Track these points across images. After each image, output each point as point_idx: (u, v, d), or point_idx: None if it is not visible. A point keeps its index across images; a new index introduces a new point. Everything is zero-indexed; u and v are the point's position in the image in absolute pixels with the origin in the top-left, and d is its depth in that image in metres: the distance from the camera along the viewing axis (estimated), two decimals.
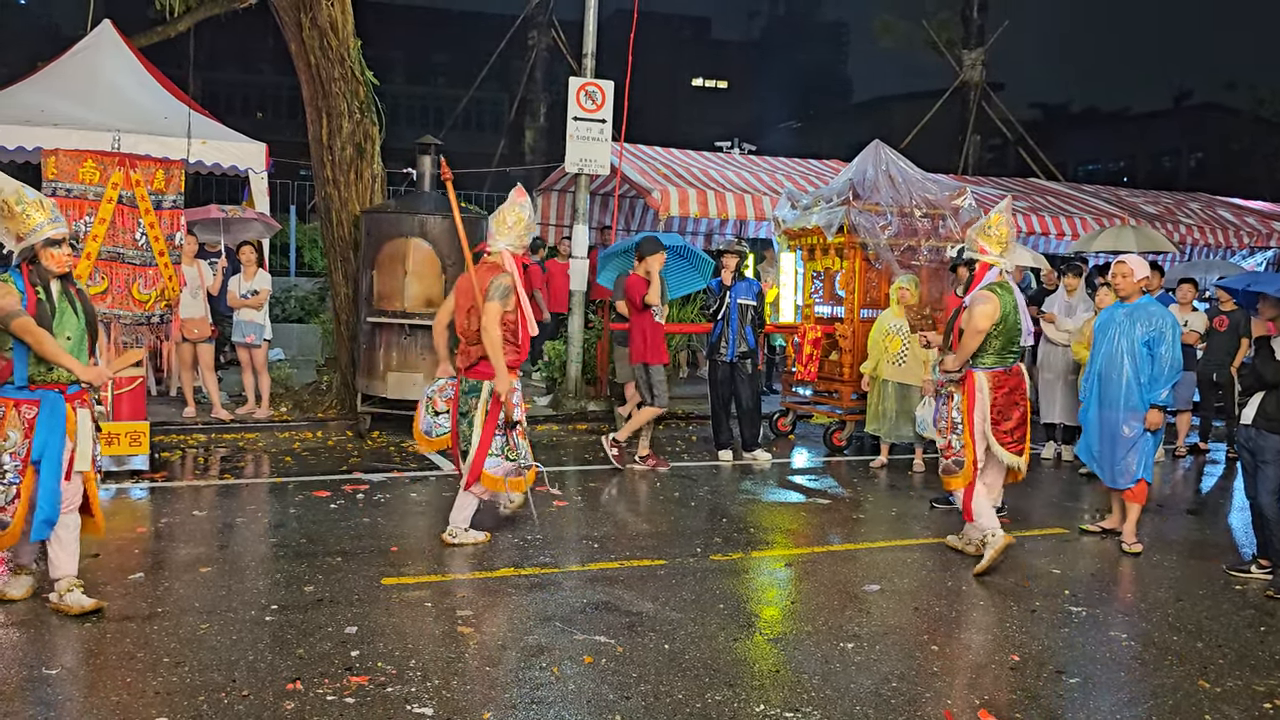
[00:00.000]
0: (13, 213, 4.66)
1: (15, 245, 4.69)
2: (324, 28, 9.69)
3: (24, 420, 4.68)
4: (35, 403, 4.69)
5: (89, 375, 4.74)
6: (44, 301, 4.65)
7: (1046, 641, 5.04)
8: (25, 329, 4.53)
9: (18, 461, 4.66)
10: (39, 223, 4.68)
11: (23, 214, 4.67)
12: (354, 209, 10.10)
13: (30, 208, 4.68)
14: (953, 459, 6.18)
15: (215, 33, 16.73)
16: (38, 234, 4.67)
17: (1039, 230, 14.42)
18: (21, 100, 11.09)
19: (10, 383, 4.66)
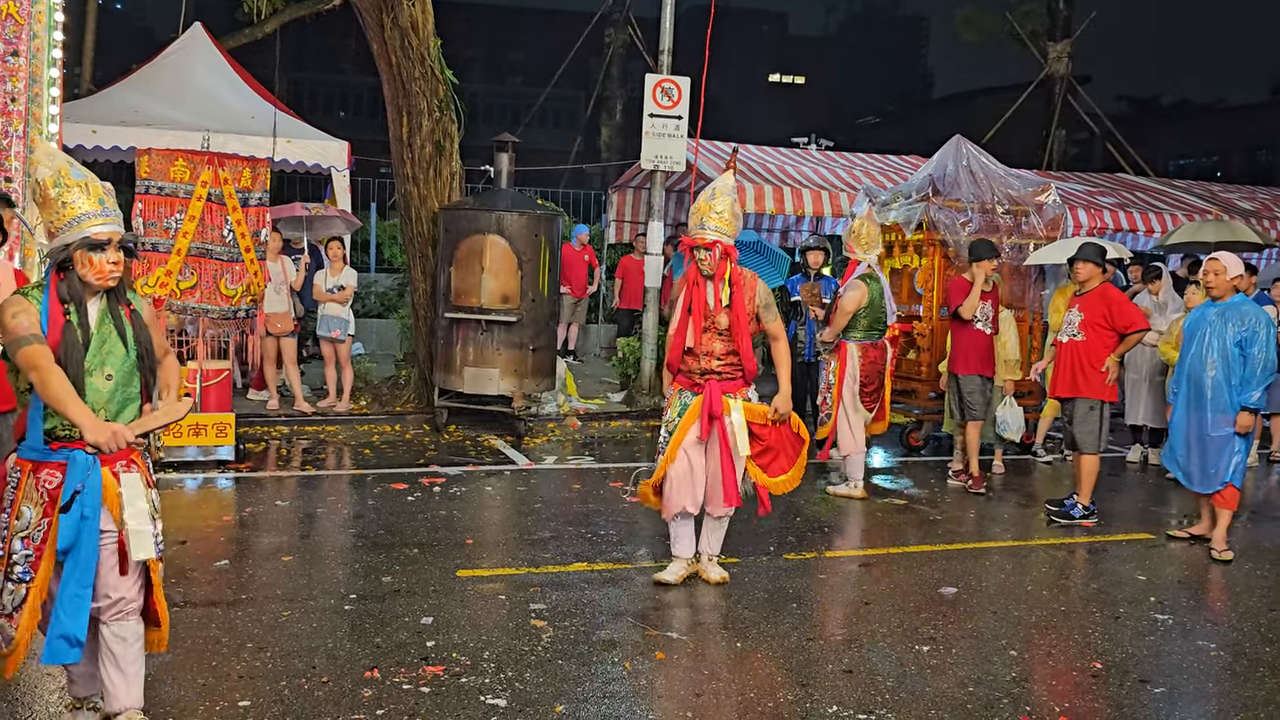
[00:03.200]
0: (48, 198, 3.28)
1: (48, 243, 3.36)
2: (405, 28, 9.84)
3: (44, 492, 3.30)
4: (61, 468, 3.31)
5: (98, 435, 3.23)
6: (73, 326, 3.30)
7: (1130, 649, 4.90)
8: (31, 361, 3.19)
9: (31, 550, 3.30)
10: (80, 214, 3.29)
11: (60, 200, 3.27)
12: (433, 206, 10.24)
13: (73, 192, 3.28)
14: (826, 412, 7.75)
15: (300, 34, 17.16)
16: (75, 229, 3.28)
17: (1126, 227, 14.03)
18: (118, 102, 11.50)
19: (26, 438, 3.35)
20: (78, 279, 3.32)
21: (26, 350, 3.20)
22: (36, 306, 3.26)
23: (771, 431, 5.40)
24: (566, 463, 8.68)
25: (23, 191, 6.94)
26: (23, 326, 3.21)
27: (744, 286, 5.32)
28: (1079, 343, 7.07)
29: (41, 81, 7.04)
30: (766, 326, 5.38)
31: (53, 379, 3.20)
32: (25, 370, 3.22)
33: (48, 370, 3.21)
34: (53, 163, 3.30)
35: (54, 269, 3.34)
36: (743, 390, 5.39)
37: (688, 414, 5.35)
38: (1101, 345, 7.01)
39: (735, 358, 5.32)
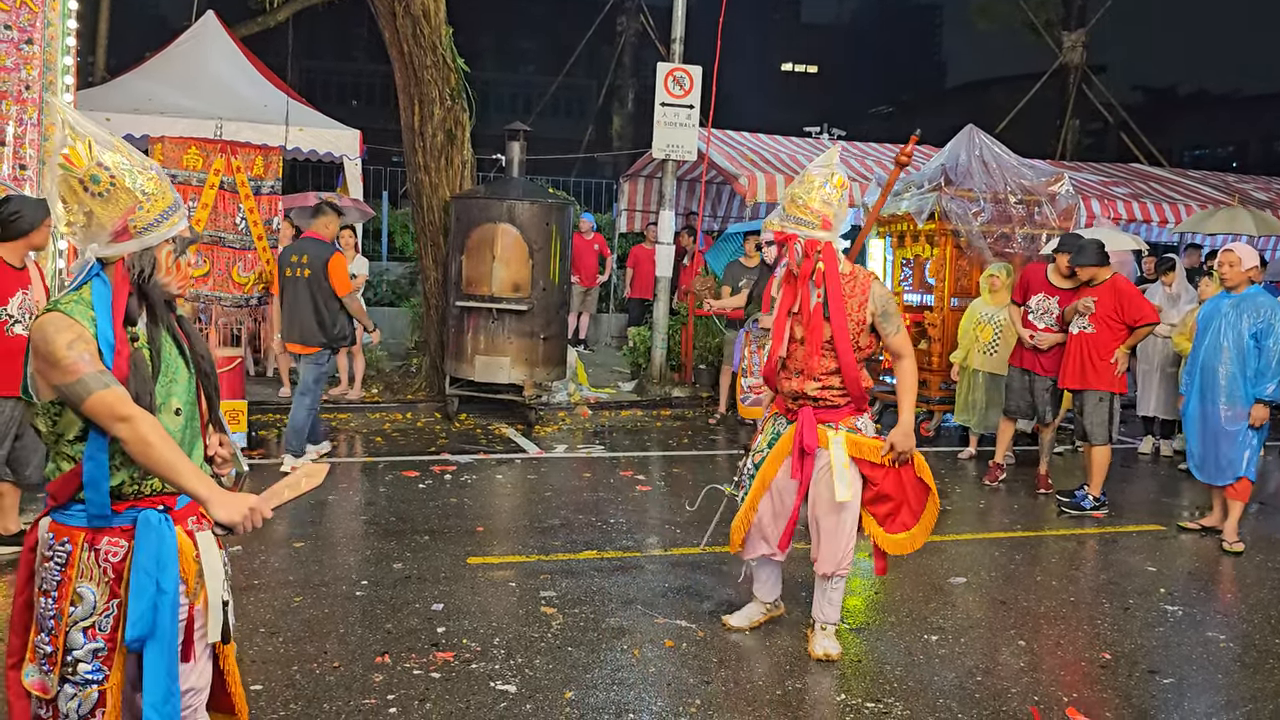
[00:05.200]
0: (115, 188, 2.45)
1: (104, 244, 2.47)
2: (417, 16, 9.84)
3: (106, 568, 2.52)
4: (126, 533, 2.53)
5: (232, 512, 2.51)
6: (142, 352, 2.54)
7: (1140, 640, 4.90)
8: (114, 410, 2.39)
9: (99, 643, 2.51)
10: (166, 207, 2.54)
11: (139, 190, 2.48)
12: (444, 195, 10.26)
13: (151, 180, 2.51)
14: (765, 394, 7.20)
15: (313, 22, 17.16)
16: (161, 228, 2.53)
17: (1140, 217, 13.95)
18: (131, 89, 11.52)
19: (78, 501, 2.50)
20: (160, 289, 2.57)
21: (103, 397, 2.36)
22: (90, 329, 2.42)
23: (890, 476, 4.41)
24: (577, 451, 8.70)
25: (36, 179, 6.98)
26: (85, 362, 2.36)
27: (846, 289, 4.31)
28: (1088, 335, 7.06)
29: (55, 69, 7.06)
30: (887, 341, 4.39)
31: (154, 436, 2.41)
32: (103, 422, 2.38)
33: (145, 425, 2.40)
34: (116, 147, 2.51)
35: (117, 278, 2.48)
36: (849, 419, 4.40)
37: (778, 446, 4.48)
38: (1111, 337, 7.00)
39: (838, 378, 4.32)
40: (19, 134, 6.95)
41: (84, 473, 2.45)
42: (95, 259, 2.47)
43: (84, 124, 2.47)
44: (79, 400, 2.37)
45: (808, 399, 4.36)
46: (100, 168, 2.44)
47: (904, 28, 57.53)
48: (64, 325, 2.39)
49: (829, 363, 4.30)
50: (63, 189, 2.44)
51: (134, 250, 2.50)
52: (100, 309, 2.43)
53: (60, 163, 2.42)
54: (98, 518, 2.49)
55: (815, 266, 4.27)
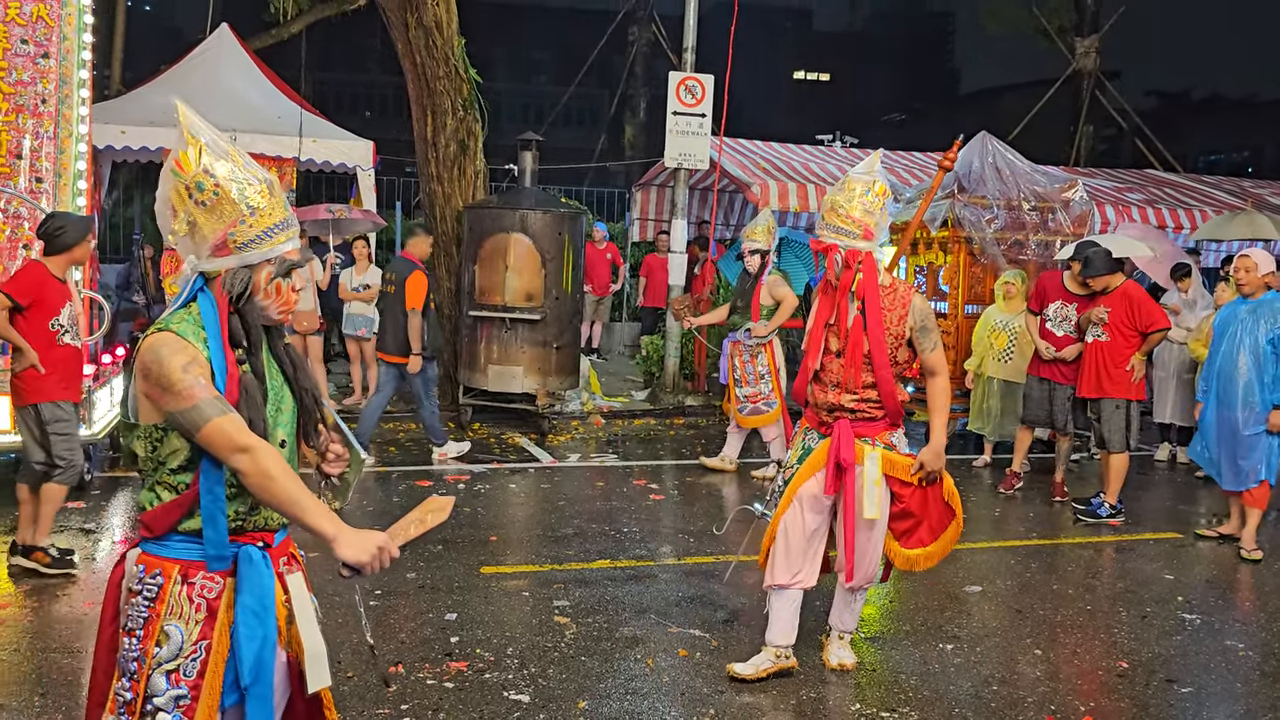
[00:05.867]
0: (219, 198, 2.25)
1: (205, 257, 2.29)
2: (429, 27, 9.89)
3: (199, 604, 2.30)
4: (225, 573, 2.32)
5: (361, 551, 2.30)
6: (251, 379, 2.35)
7: (1157, 649, 4.86)
8: (234, 440, 2.21)
9: (183, 689, 2.28)
10: (274, 223, 2.32)
11: (245, 202, 2.27)
12: (457, 205, 10.29)
13: (255, 193, 2.29)
14: (762, 401, 7.85)
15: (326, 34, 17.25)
16: (266, 245, 2.31)
17: (1155, 223, 13.85)
18: (146, 102, 11.61)
19: (177, 532, 2.31)
20: (258, 312, 2.36)
21: (221, 425, 2.18)
22: (203, 351, 2.26)
23: (916, 494, 4.30)
24: (590, 460, 8.70)
25: (53, 192, 7.03)
26: (201, 387, 2.19)
27: (886, 303, 4.17)
28: (1102, 343, 7.02)
29: (71, 83, 7.12)
30: (923, 357, 4.25)
31: (276, 468, 2.22)
32: (221, 452, 2.20)
33: (267, 456, 2.22)
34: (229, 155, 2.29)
35: (218, 295, 2.31)
36: (885, 434, 4.26)
37: (810, 460, 4.29)
38: (1125, 345, 6.96)
39: (875, 391, 4.19)
40: (35, 147, 7.01)
41: (201, 508, 2.26)
42: (198, 273, 2.31)
43: (200, 127, 2.28)
44: (194, 428, 2.18)
45: (845, 411, 4.22)
46: (206, 175, 2.25)
47: (916, 35, 57.51)
48: (178, 347, 2.22)
49: (867, 376, 4.18)
50: (171, 194, 2.27)
51: (232, 266, 2.29)
52: (210, 328, 2.27)
53: (171, 166, 2.26)
54: (216, 558, 2.29)
55: (855, 278, 4.13)
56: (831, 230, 4.11)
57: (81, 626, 4.65)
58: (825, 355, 4.26)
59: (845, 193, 4.10)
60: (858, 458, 4.18)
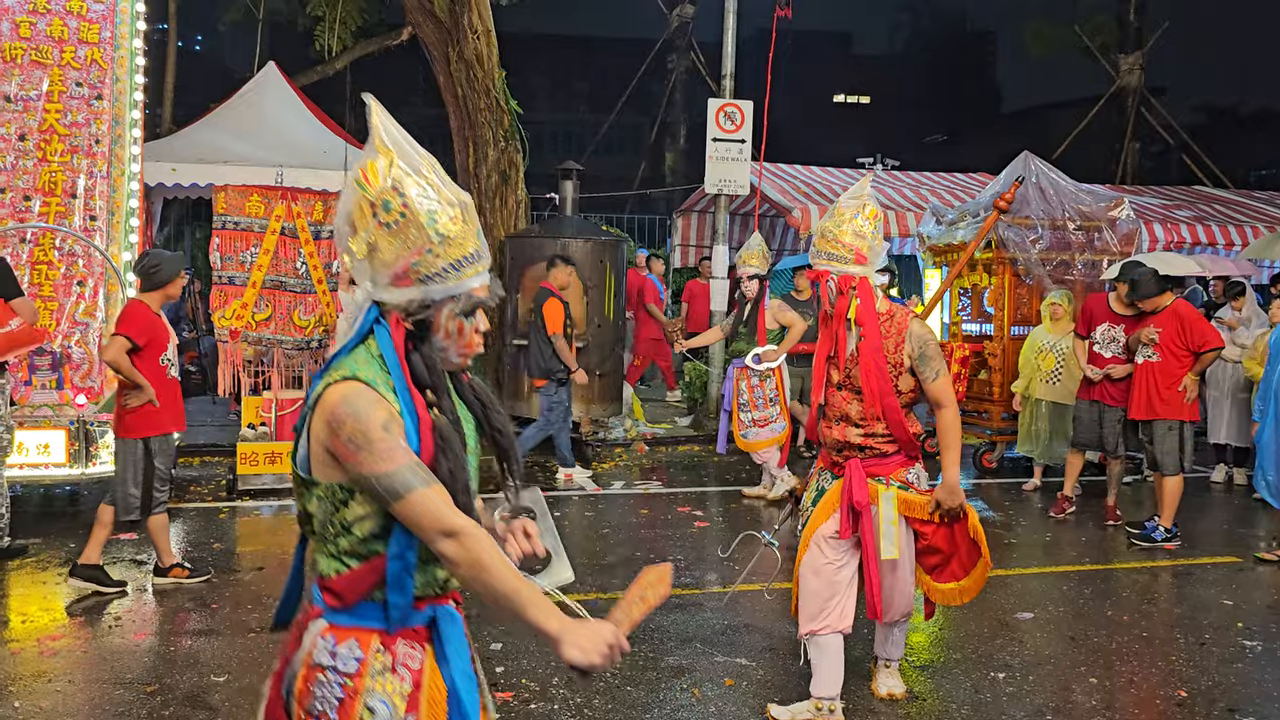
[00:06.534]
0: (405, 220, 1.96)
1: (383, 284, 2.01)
2: (470, 60, 10.03)
3: (404, 676, 2.03)
4: (420, 635, 2.07)
5: (592, 650, 1.91)
6: (445, 423, 2.04)
7: (1217, 677, 4.73)
8: (437, 520, 1.90)
9: None
10: (466, 254, 2.02)
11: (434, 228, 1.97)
12: (499, 234, 10.38)
13: (447, 219, 1.99)
14: (769, 426, 7.84)
15: (370, 69, 17.55)
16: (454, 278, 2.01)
17: (1205, 240, 13.65)
18: (196, 140, 11.85)
19: (372, 600, 2.02)
20: (435, 352, 2.04)
21: (425, 498, 1.89)
22: (395, 401, 1.97)
23: (941, 531, 4.13)
24: (634, 487, 8.68)
25: (106, 229, 7.21)
26: (403, 450, 1.91)
27: (883, 329, 3.97)
28: (1153, 364, 6.90)
29: (124, 123, 7.31)
30: (926, 387, 3.99)
31: (489, 555, 1.91)
32: (423, 531, 1.90)
33: (480, 543, 1.91)
34: (422, 173, 2.00)
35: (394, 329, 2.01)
36: (900, 471, 4.07)
37: (823, 502, 4.13)
38: (1176, 365, 6.83)
39: (882, 425, 3.99)
40: (89, 186, 7.20)
41: (388, 571, 1.97)
42: (373, 302, 2.03)
43: (395, 136, 2.00)
44: (392, 496, 1.89)
45: (853, 448, 4.04)
46: (394, 193, 1.96)
47: (957, 55, 57.26)
48: (373, 400, 1.92)
49: (872, 408, 3.98)
50: (354, 208, 1.99)
51: (412, 299, 1.99)
52: (394, 368, 1.98)
53: (356, 177, 1.99)
54: (398, 624, 2.01)
55: (851, 304, 3.96)
56: (824, 257, 3.99)
57: (133, 658, 4.71)
58: (828, 389, 4.10)
59: (835, 219, 3.98)
60: (872, 498, 4.00)
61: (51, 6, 7.18)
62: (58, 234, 7.08)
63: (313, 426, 1.97)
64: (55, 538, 6.61)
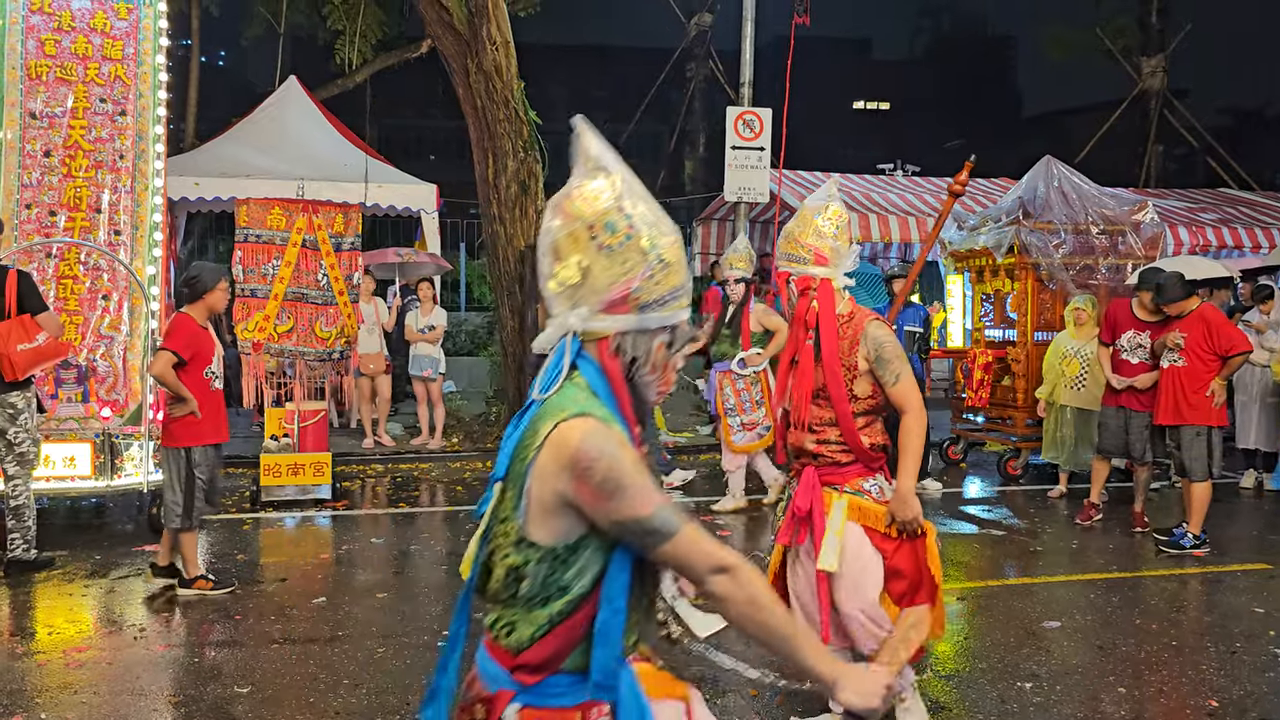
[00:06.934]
0: (627, 242, 1.85)
1: (592, 313, 1.87)
2: (489, 72, 10.07)
3: None
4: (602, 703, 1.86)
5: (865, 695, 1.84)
6: (651, 463, 1.94)
7: (1249, 686, 4.65)
8: (710, 556, 1.80)
9: None
10: (678, 285, 1.91)
11: (657, 255, 1.87)
12: (519, 244, 10.40)
13: (668, 245, 1.90)
14: (757, 430, 7.82)
15: (390, 82, 17.66)
16: (663, 310, 1.89)
17: (1231, 243, 13.52)
18: (219, 154, 11.98)
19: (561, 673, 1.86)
20: (643, 387, 1.91)
21: (693, 536, 1.78)
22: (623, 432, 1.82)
23: (904, 550, 3.77)
24: None
25: (130, 244, 7.27)
26: (655, 489, 1.77)
27: (840, 331, 3.81)
28: (1179, 368, 6.82)
29: (147, 138, 7.38)
30: (887, 391, 3.75)
31: (763, 593, 1.82)
32: (693, 570, 1.80)
33: (754, 578, 1.81)
34: (646, 196, 1.92)
35: (605, 361, 1.87)
36: (857, 480, 3.79)
37: (788, 511, 3.94)
38: (1203, 369, 6.75)
39: (837, 431, 3.78)
40: (113, 201, 7.26)
41: (599, 621, 1.80)
42: (573, 332, 1.87)
43: (610, 160, 1.90)
44: (658, 539, 1.73)
45: (809, 455, 3.83)
46: (620, 213, 1.85)
47: (977, 60, 57.02)
48: (617, 438, 1.76)
49: (824, 413, 3.79)
50: (561, 233, 1.86)
51: (628, 329, 1.85)
52: (610, 402, 1.84)
53: (569, 201, 1.87)
54: (602, 687, 1.81)
55: (810, 306, 3.81)
56: (786, 259, 3.87)
57: (158, 670, 4.73)
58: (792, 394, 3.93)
59: (799, 222, 3.87)
60: (827, 507, 3.76)
61: (76, 24, 7.26)
62: (83, 249, 7.15)
63: (541, 472, 1.75)
64: (81, 550, 6.66)
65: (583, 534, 1.78)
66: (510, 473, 1.83)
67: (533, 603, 1.82)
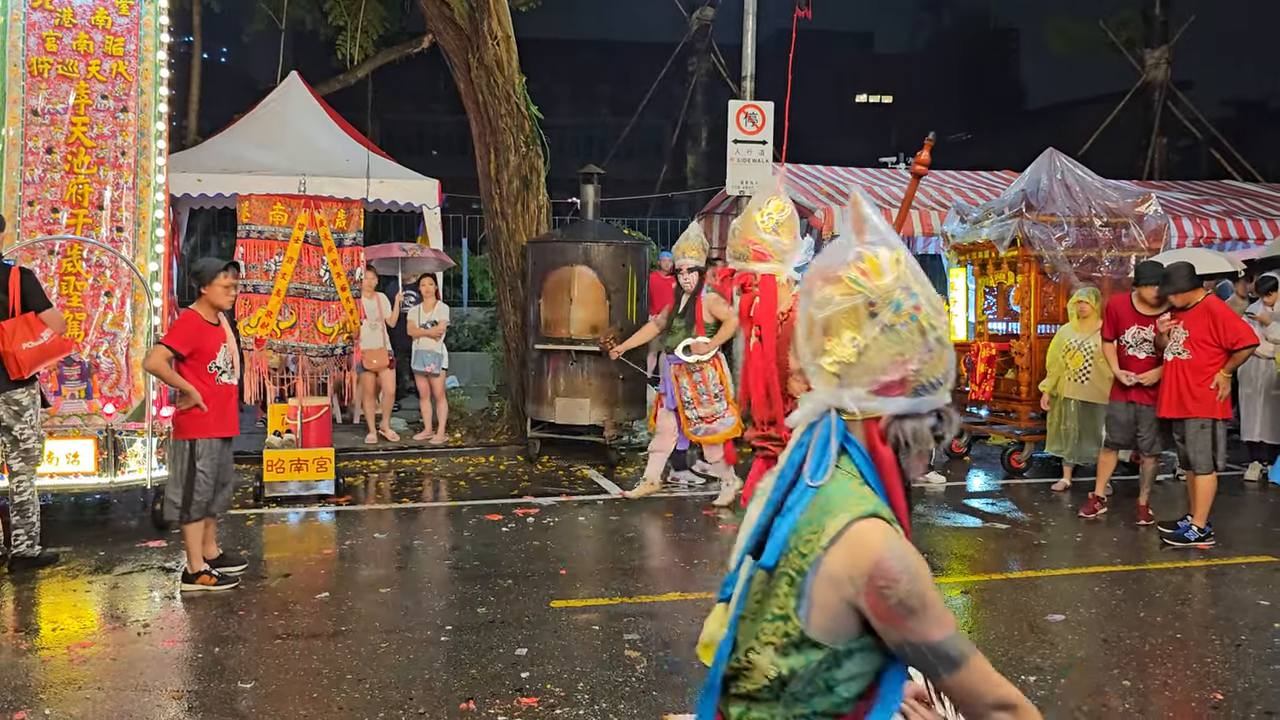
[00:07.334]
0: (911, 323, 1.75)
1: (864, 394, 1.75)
2: (490, 67, 10.06)
3: None
4: None
5: None
6: None
7: (1254, 679, 4.65)
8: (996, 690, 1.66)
9: None
10: (948, 366, 1.80)
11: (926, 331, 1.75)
12: (521, 239, 10.39)
13: (943, 324, 1.80)
14: (718, 421, 7.55)
15: (391, 77, 17.62)
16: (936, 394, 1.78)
17: (1235, 235, 13.46)
18: (221, 151, 11.97)
19: None
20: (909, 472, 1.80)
21: (981, 665, 1.65)
22: None
23: None
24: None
25: (133, 240, 7.27)
26: (949, 615, 1.67)
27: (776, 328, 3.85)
28: (1184, 361, 6.80)
29: (149, 134, 7.37)
30: None
31: None
32: (973, 702, 1.65)
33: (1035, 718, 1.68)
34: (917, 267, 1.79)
35: (874, 447, 1.76)
36: None
37: None
38: (1207, 361, 6.73)
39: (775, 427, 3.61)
40: (115, 198, 7.26)
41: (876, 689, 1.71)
42: (835, 412, 1.76)
43: (884, 229, 1.80)
44: (947, 666, 1.62)
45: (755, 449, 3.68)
46: (905, 291, 1.74)
47: (980, 53, 56.87)
48: (915, 551, 1.66)
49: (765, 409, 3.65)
50: (841, 309, 1.74)
51: (903, 412, 1.74)
52: (882, 493, 1.73)
53: (851, 273, 1.76)
54: None
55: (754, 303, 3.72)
56: (731, 256, 3.76)
57: (162, 665, 4.74)
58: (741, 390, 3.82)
59: (742, 219, 3.80)
60: None
61: (77, 21, 7.25)
62: (85, 245, 7.14)
63: (831, 577, 1.64)
64: (85, 546, 6.67)
65: (862, 636, 1.67)
66: (784, 564, 1.69)
67: (796, 700, 1.70)
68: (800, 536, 1.68)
